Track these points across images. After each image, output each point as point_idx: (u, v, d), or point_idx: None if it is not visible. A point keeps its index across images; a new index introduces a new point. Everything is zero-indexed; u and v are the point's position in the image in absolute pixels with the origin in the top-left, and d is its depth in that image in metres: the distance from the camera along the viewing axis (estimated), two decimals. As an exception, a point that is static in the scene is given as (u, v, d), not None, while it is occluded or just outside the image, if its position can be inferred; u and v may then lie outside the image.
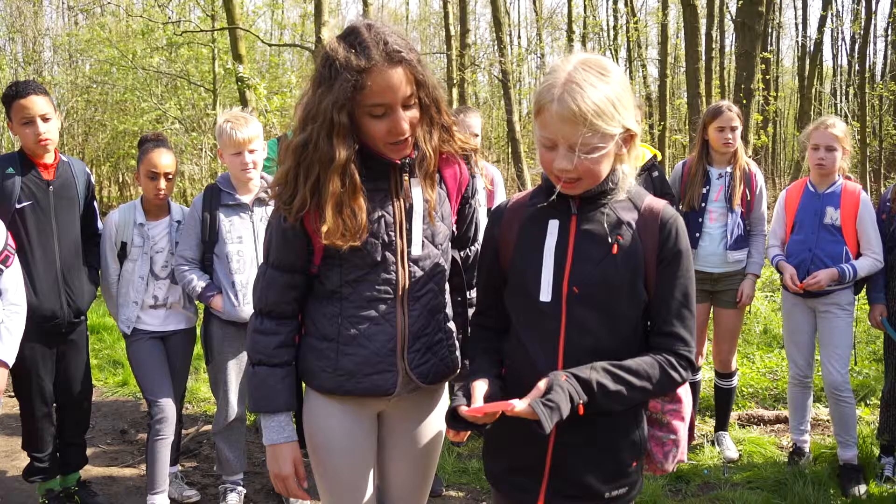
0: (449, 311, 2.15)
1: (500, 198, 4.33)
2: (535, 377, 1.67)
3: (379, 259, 1.94)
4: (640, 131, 1.78)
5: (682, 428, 1.89)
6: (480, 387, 1.76)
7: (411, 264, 1.98)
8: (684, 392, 1.90)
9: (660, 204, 1.81)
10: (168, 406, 3.53)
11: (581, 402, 1.64)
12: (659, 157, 4.17)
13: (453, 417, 1.75)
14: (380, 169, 1.92)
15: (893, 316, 3.89)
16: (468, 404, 1.72)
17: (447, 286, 2.15)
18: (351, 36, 1.81)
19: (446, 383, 2.21)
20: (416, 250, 1.98)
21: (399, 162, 1.92)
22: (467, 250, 2.24)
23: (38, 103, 3.30)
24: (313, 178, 1.83)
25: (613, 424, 1.79)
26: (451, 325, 2.15)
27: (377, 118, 1.82)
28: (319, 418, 2.06)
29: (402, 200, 1.95)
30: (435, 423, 2.20)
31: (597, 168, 1.69)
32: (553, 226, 1.79)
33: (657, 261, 1.75)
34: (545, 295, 1.76)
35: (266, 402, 2.00)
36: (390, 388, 2.00)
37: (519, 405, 1.60)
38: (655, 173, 4.06)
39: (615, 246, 1.74)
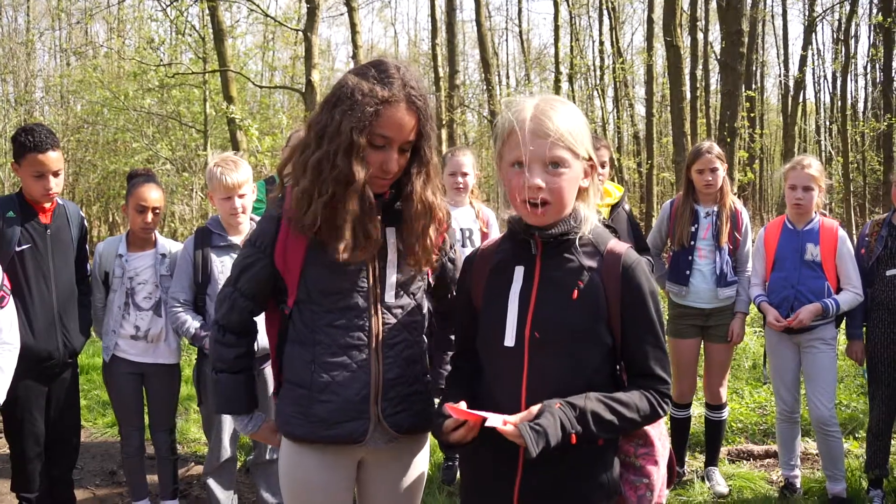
0: (427, 364, 2.16)
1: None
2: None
3: (352, 303, 1.97)
4: (607, 171, 1.85)
5: (655, 472, 1.88)
6: (460, 404, 1.80)
7: (385, 311, 2.00)
8: (656, 436, 1.90)
9: (622, 247, 1.84)
10: (135, 426, 3.80)
11: (574, 431, 1.66)
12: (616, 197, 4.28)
13: (439, 438, 1.81)
14: None
15: (872, 346, 3.96)
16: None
17: (425, 339, 2.15)
18: (379, 66, 1.89)
19: (429, 433, 2.18)
20: (390, 297, 2.01)
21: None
22: None
23: (53, 159, 3.35)
24: (327, 195, 1.86)
25: (582, 468, 1.80)
26: (429, 378, 2.16)
27: (376, 149, 1.88)
28: (294, 468, 2.06)
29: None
30: (416, 471, 2.18)
31: (565, 189, 1.74)
32: (518, 272, 1.84)
33: (621, 305, 1.78)
34: (509, 340, 1.80)
35: (230, 404, 2.18)
36: (360, 437, 1.99)
37: (505, 423, 1.63)
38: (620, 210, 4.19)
39: (575, 291, 1.77)
